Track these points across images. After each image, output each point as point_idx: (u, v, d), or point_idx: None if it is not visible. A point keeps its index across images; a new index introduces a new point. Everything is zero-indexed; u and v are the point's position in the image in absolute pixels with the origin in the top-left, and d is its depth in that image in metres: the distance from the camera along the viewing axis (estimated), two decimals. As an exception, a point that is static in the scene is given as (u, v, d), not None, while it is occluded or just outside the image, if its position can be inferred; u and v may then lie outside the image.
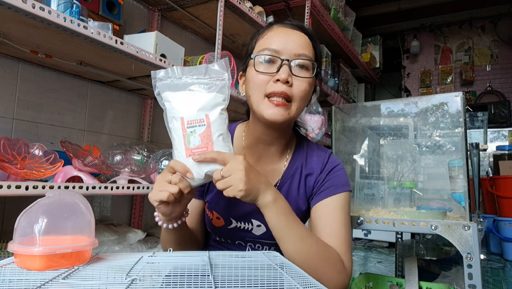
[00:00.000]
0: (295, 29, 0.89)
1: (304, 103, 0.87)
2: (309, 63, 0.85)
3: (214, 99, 0.72)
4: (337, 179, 0.92)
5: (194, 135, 0.71)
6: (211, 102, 0.71)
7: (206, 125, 0.70)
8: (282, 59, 0.83)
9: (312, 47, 0.89)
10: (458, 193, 1.19)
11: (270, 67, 0.84)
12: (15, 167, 1.06)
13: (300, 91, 0.84)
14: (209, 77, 0.73)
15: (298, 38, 0.87)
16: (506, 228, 3.14)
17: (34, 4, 1.02)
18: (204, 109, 0.71)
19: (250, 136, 0.95)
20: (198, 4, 2.01)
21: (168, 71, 0.73)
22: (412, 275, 1.28)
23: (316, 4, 2.78)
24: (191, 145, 0.71)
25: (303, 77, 0.84)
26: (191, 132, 0.71)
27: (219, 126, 0.72)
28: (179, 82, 0.72)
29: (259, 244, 0.94)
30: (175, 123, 0.72)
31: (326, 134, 2.90)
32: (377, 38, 4.61)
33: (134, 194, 1.90)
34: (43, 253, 0.52)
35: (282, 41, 0.85)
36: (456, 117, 1.19)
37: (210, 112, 0.71)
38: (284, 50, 0.84)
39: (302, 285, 0.51)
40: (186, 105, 0.71)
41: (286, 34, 0.87)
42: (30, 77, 1.52)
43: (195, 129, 0.71)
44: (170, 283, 0.49)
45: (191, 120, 0.70)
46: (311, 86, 0.88)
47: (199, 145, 0.70)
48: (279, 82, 0.82)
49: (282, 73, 0.82)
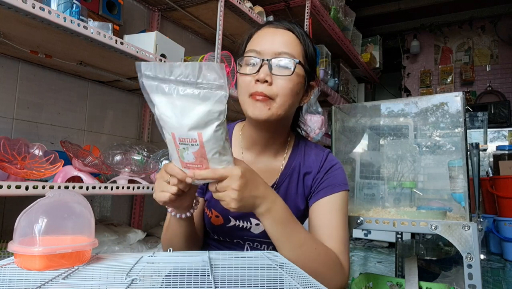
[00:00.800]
0: (280, 28, 0.88)
1: (288, 101, 0.85)
2: (289, 61, 0.84)
3: (208, 114, 0.61)
4: (335, 178, 0.92)
5: (187, 152, 0.65)
6: (204, 118, 0.61)
7: (199, 145, 0.63)
8: (262, 59, 0.84)
9: (299, 45, 0.88)
10: (458, 193, 1.19)
11: (253, 68, 0.85)
12: (15, 167, 1.06)
13: (281, 89, 0.83)
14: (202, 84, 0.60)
15: (281, 37, 0.87)
16: (506, 228, 3.14)
17: (34, 4, 1.02)
18: (196, 128, 0.61)
19: (246, 136, 0.96)
20: (198, 4, 2.01)
21: (156, 68, 0.61)
22: (412, 275, 1.28)
23: (316, 4, 2.78)
24: (185, 160, 0.66)
25: (282, 75, 0.84)
26: (183, 148, 0.64)
27: (214, 145, 0.63)
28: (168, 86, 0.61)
29: (258, 243, 0.94)
30: (166, 134, 0.65)
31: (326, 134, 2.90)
32: (377, 38, 4.61)
33: (134, 194, 1.90)
34: (43, 253, 0.52)
35: (265, 42, 0.86)
36: (456, 117, 1.19)
37: (203, 130, 0.62)
38: (265, 50, 0.85)
39: (302, 285, 0.51)
40: (176, 119, 0.62)
41: (270, 35, 0.87)
42: (30, 77, 1.52)
43: (188, 147, 0.64)
44: (170, 283, 0.49)
45: (182, 138, 0.63)
46: (295, 83, 0.86)
47: (193, 162, 0.66)
48: (258, 83, 0.83)
49: (261, 73, 0.82)
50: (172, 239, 0.86)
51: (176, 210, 0.79)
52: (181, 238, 0.85)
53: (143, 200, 2.04)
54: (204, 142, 0.63)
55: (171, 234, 0.86)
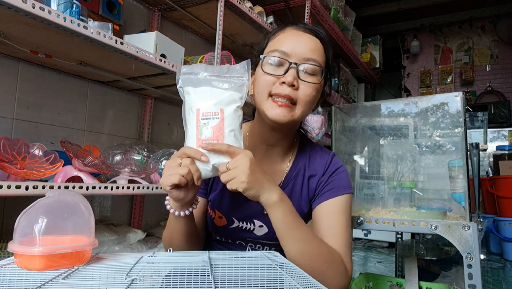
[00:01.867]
0: (307, 32, 0.88)
1: (309, 108, 0.87)
2: (317, 69, 0.85)
3: (231, 96, 0.74)
4: (340, 181, 0.92)
5: (207, 127, 0.73)
6: (227, 99, 0.74)
7: (220, 119, 0.73)
8: (290, 62, 0.83)
9: (323, 52, 0.88)
10: (458, 193, 1.19)
11: (277, 69, 0.84)
12: (15, 167, 1.06)
13: (305, 96, 0.84)
14: (229, 76, 0.76)
15: (309, 42, 0.86)
16: (506, 228, 3.14)
17: (34, 4, 1.02)
18: (220, 104, 0.73)
19: (254, 136, 0.95)
20: (198, 4, 2.01)
21: (193, 67, 0.76)
22: (412, 275, 1.28)
23: (316, 4, 2.78)
24: (202, 136, 0.73)
25: (309, 82, 0.84)
26: (204, 123, 0.73)
27: (232, 122, 0.73)
28: (200, 77, 0.75)
29: (260, 245, 0.94)
30: (191, 114, 0.75)
31: (326, 134, 2.90)
32: (377, 38, 4.61)
33: (134, 194, 1.90)
34: (43, 253, 0.52)
35: (292, 44, 0.85)
36: (456, 117, 1.19)
37: (225, 107, 0.73)
38: (293, 53, 0.84)
39: (302, 285, 0.51)
40: (204, 98, 0.74)
41: (297, 37, 0.87)
42: (30, 77, 1.52)
43: (209, 121, 0.73)
44: (170, 283, 0.49)
45: (206, 112, 0.73)
46: (318, 91, 0.87)
47: (210, 137, 0.72)
48: (284, 85, 0.82)
49: (289, 76, 0.82)
50: (172, 237, 0.86)
51: (177, 204, 0.78)
52: (181, 237, 0.85)
53: (143, 200, 2.04)
54: (225, 117, 0.73)
55: (171, 232, 0.86)
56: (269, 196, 0.74)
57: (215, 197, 0.93)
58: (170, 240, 0.87)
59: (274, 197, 0.75)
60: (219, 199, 0.93)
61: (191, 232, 0.87)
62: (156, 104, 2.11)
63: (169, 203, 0.80)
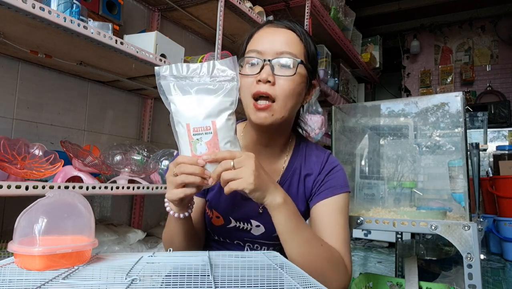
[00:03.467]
0: (280, 27, 0.88)
1: (291, 102, 0.85)
2: (291, 61, 0.84)
3: (220, 104, 0.69)
4: (336, 180, 0.92)
5: (201, 143, 0.69)
6: (217, 108, 0.69)
7: (212, 133, 0.68)
8: (264, 60, 0.83)
9: (300, 44, 0.87)
10: (458, 193, 1.19)
11: (254, 68, 0.84)
12: (15, 167, 1.06)
13: (283, 90, 0.83)
14: (216, 78, 0.70)
15: (282, 36, 0.86)
16: (506, 228, 3.14)
17: (34, 4, 1.02)
18: (211, 116, 0.68)
19: (247, 136, 0.95)
20: (198, 4, 2.01)
21: (172, 68, 0.70)
22: (412, 275, 1.28)
23: (316, 4, 2.78)
24: (197, 152, 0.69)
25: (284, 76, 0.83)
26: (197, 139, 0.69)
27: (226, 134, 0.69)
28: (184, 82, 0.70)
29: (258, 244, 0.94)
30: (180, 128, 0.70)
31: (326, 134, 2.90)
32: (377, 38, 4.61)
33: (134, 194, 1.90)
34: (43, 253, 0.52)
35: (266, 41, 0.85)
36: (456, 117, 1.19)
37: (216, 118, 0.69)
38: (266, 50, 0.84)
39: (302, 285, 0.51)
40: (192, 110, 0.68)
41: (270, 34, 0.87)
42: (30, 77, 1.52)
43: (201, 137, 0.69)
44: (170, 283, 0.49)
45: (197, 127, 0.68)
46: (297, 83, 0.86)
47: (206, 152, 0.69)
48: (260, 83, 0.82)
49: (263, 73, 0.82)
50: (173, 238, 0.86)
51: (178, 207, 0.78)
52: (181, 237, 0.85)
53: (143, 200, 2.04)
54: (218, 130, 0.69)
55: (171, 233, 0.86)
56: (274, 198, 0.74)
57: (212, 197, 0.93)
58: (170, 241, 0.87)
59: (279, 199, 0.74)
60: (216, 198, 0.93)
61: (191, 232, 0.87)
62: (156, 104, 2.11)
63: (168, 205, 0.80)
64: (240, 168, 0.69)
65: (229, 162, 0.69)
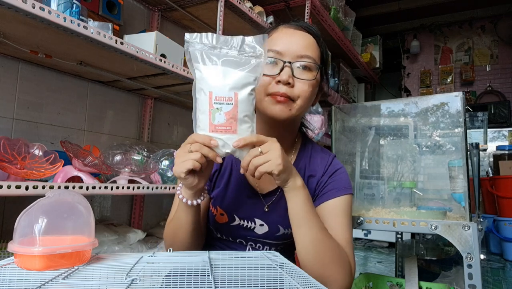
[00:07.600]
0: (299, 29, 0.89)
1: (306, 104, 0.88)
2: (312, 65, 0.86)
3: (245, 78, 0.70)
4: (339, 181, 0.92)
5: (220, 113, 0.69)
6: (242, 81, 0.70)
7: (233, 104, 0.69)
8: (284, 62, 0.84)
9: (317, 48, 0.89)
10: (458, 193, 1.19)
11: (273, 68, 0.85)
12: (15, 167, 1.06)
13: (302, 92, 0.85)
14: (244, 52, 0.71)
15: (302, 39, 0.87)
16: (506, 228, 3.14)
17: (34, 4, 1.02)
18: (234, 88, 0.70)
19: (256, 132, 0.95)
20: (198, 4, 2.01)
21: (203, 37, 0.72)
22: (412, 275, 1.28)
23: (316, 4, 2.78)
24: (215, 121, 0.70)
25: (304, 79, 0.85)
26: (217, 108, 0.69)
27: (246, 107, 0.71)
28: (212, 52, 0.71)
29: (260, 244, 0.94)
30: (202, 95, 0.71)
31: (326, 134, 2.90)
32: (377, 38, 4.61)
33: (134, 194, 1.90)
34: (43, 253, 0.52)
35: (286, 43, 0.86)
36: (456, 117, 1.19)
37: (239, 91, 0.70)
38: (287, 51, 0.85)
39: (302, 285, 0.51)
40: (216, 80, 0.70)
41: (290, 35, 0.88)
42: (30, 77, 1.52)
43: (222, 106, 0.69)
44: (170, 283, 0.49)
45: (219, 96, 0.69)
46: (314, 87, 0.88)
47: (223, 123, 0.70)
48: (280, 84, 0.83)
49: (284, 75, 0.83)
50: (177, 231, 0.85)
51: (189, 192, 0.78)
52: (186, 229, 0.84)
53: (143, 200, 2.04)
54: (239, 102, 0.70)
55: (176, 225, 0.85)
56: (295, 181, 0.77)
57: (218, 194, 0.94)
58: (174, 234, 0.87)
59: (299, 182, 0.78)
60: (221, 195, 0.93)
61: (197, 225, 0.86)
62: (156, 104, 2.11)
63: (181, 193, 0.80)
64: (267, 152, 0.71)
65: (256, 149, 0.71)
